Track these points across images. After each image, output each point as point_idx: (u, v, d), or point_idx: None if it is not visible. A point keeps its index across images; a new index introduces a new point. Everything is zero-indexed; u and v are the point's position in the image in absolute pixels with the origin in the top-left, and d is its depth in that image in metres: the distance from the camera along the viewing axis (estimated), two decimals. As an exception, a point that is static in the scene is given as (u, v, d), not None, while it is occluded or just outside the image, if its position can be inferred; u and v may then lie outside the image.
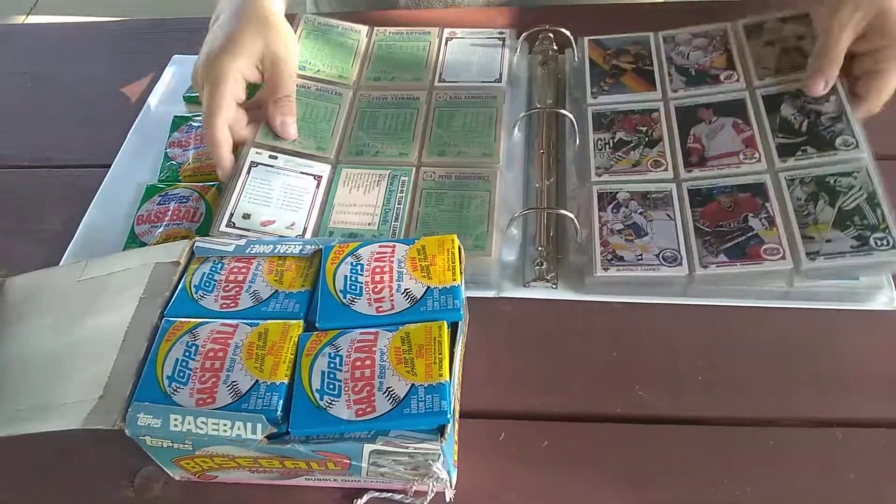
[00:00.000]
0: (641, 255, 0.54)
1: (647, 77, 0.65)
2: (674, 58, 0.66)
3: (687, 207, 0.55)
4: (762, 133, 0.58)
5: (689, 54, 0.66)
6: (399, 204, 0.58)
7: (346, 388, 0.42)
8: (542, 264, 0.56)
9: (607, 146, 0.61)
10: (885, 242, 0.50)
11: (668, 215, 0.55)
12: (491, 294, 0.56)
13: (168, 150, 0.67)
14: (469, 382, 0.51)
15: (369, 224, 0.57)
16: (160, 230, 0.60)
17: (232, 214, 0.57)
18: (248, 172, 0.59)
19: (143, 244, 0.60)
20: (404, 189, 0.59)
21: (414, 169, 0.61)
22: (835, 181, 0.54)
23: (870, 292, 0.52)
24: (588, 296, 0.55)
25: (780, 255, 0.52)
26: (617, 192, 0.57)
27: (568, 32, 0.69)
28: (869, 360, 0.51)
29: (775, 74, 0.61)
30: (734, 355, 0.52)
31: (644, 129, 0.61)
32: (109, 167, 0.68)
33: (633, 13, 0.78)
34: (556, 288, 0.56)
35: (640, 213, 0.56)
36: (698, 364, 0.51)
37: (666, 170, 0.58)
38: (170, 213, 0.61)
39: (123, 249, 0.60)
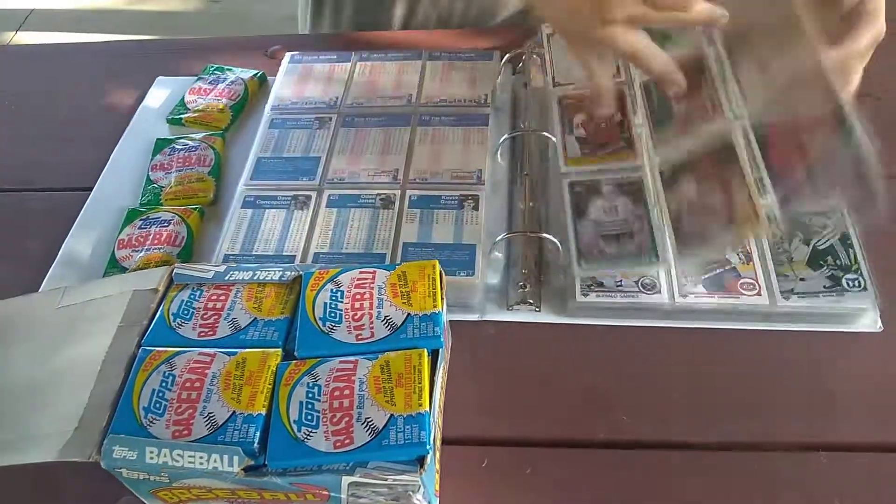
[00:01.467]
0: (621, 281, 0.53)
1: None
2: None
3: (661, 195, 0.54)
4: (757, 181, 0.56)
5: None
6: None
7: (325, 419, 0.41)
8: (525, 287, 0.56)
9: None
10: (856, 284, 0.51)
11: None
12: (475, 317, 0.56)
13: (150, 172, 0.67)
14: (451, 408, 0.51)
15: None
16: (141, 255, 0.60)
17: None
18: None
19: (124, 269, 0.59)
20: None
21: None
22: (809, 220, 0.55)
23: (854, 314, 0.52)
24: (571, 319, 0.55)
25: (756, 292, 0.52)
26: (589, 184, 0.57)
27: (549, 57, 0.69)
28: (854, 383, 0.51)
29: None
30: (718, 378, 0.52)
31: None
32: (91, 190, 0.68)
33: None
34: (539, 311, 0.55)
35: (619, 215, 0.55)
36: (681, 388, 0.51)
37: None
38: (151, 237, 0.61)
39: (104, 275, 0.60)
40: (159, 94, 0.77)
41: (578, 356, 0.53)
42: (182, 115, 0.72)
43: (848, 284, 0.51)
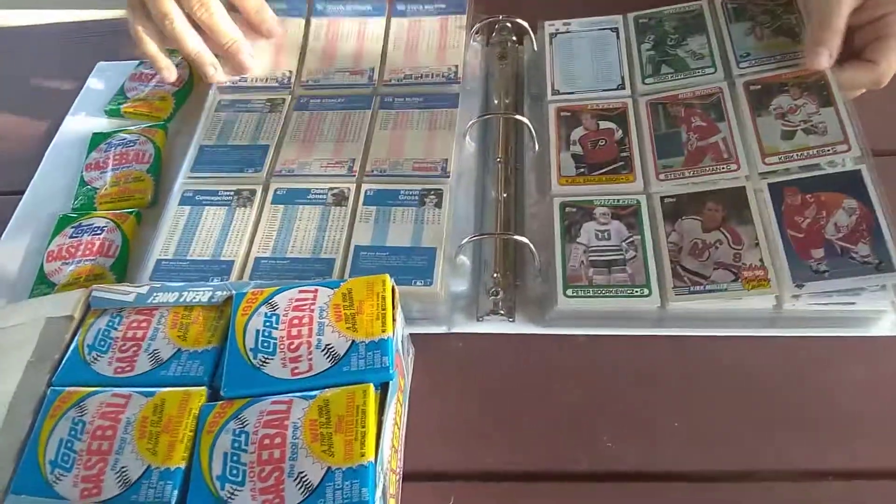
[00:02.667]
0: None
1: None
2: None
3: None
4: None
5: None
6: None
7: (252, 475, 0.35)
8: (497, 293, 0.50)
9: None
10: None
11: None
12: (441, 329, 0.50)
13: (84, 173, 0.61)
14: (414, 437, 0.45)
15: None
16: (71, 268, 0.54)
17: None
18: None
19: (53, 285, 0.53)
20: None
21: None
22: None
23: (870, 317, 0.46)
24: (549, 329, 0.49)
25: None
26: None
27: (524, 22, 0.61)
28: (870, 397, 0.44)
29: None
30: (714, 395, 0.45)
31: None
32: (23, 194, 0.61)
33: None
34: (513, 321, 0.49)
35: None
36: (673, 407, 0.45)
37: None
38: (82, 247, 0.55)
39: (31, 293, 0.54)
40: (100, 82, 0.69)
41: (557, 372, 0.47)
42: (121, 105, 0.65)
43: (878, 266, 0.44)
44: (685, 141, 0.52)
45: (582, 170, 0.53)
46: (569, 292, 0.47)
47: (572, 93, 0.58)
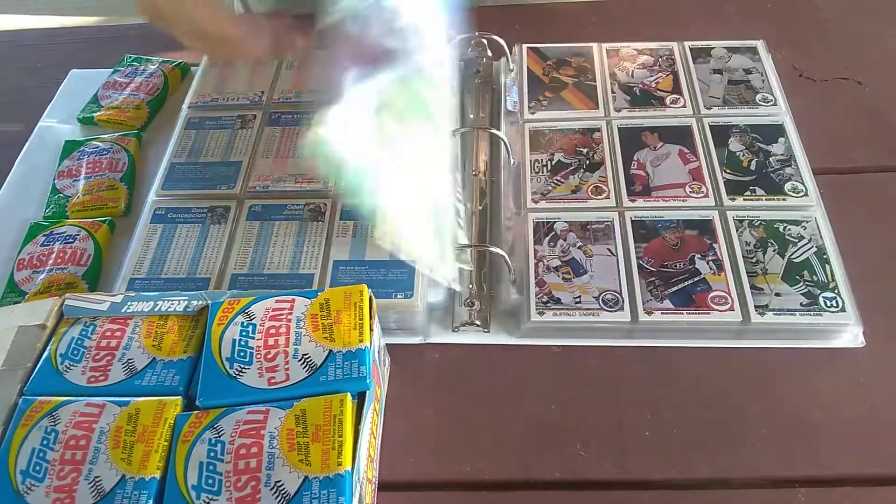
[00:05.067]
0: (580, 296, 0.48)
1: (588, 93, 0.59)
2: (617, 74, 0.60)
3: (630, 241, 0.50)
4: (710, 166, 0.54)
5: (633, 72, 0.60)
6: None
7: (228, 485, 0.35)
8: (472, 304, 0.50)
9: (545, 168, 0.55)
10: (834, 303, 0.46)
11: (609, 250, 0.50)
12: (417, 340, 0.50)
13: (57, 180, 0.60)
14: (390, 446, 0.45)
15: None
16: (42, 277, 0.53)
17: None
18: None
19: (24, 294, 0.53)
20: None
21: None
22: (784, 228, 0.50)
23: (834, 329, 0.47)
24: (524, 339, 0.49)
25: (728, 306, 0.47)
26: (554, 223, 0.51)
27: (502, 41, 0.62)
28: (835, 405, 0.46)
29: (723, 105, 0.57)
30: (684, 404, 0.46)
31: (585, 150, 0.55)
32: (-8, 201, 0.60)
33: (573, 14, 0.72)
34: (488, 332, 0.50)
35: (580, 248, 0.50)
36: (645, 416, 0.46)
37: (608, 197, 0.52)
38: (54, 255, 0.54)
39: (0, 302, 0.53)
40: (73, 90, 0.69)
41: (531, 382, 0.48)
42: (94, 113, 0.64)
43: (826, 304, 0.47)
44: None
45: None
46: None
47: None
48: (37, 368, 0.41)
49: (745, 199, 0.52)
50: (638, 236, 0.50)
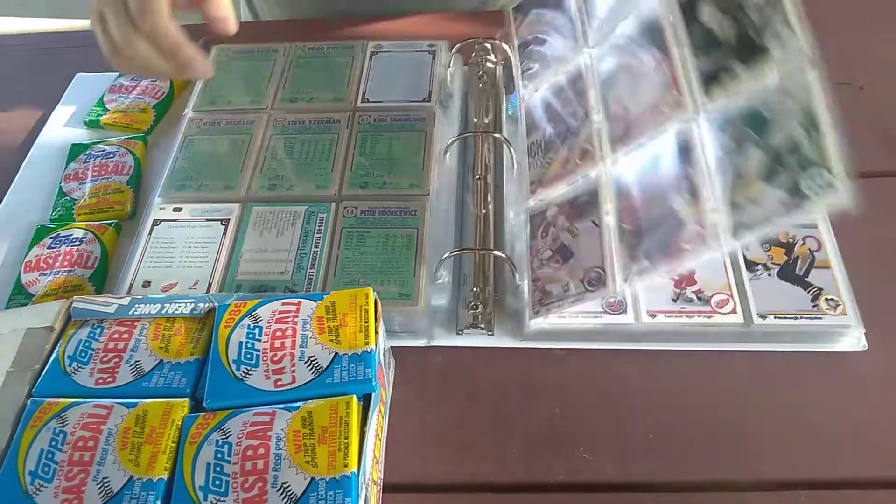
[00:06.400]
0: (568, 283, 0.47)
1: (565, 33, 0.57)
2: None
3: (612, 203, 0.48)
4: (682, 60, 0.46)
5: None
6: (316, 247, 0.52)
7: (235, 486, 0.35)
8: (476, 307, 0.51)
9: (539, 150, 0.54)
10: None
11: (593, 222, 0.48)
12: (421, 343, 0.50)
13: (63, 184, 0.60)
14: (394, 449, 0.45)
15: (282, 273, 0.51)
16: (49, 279, 0.53)
17: (131, 285, 0.51)
18: (151, 232, 0.54)
19: (31, 296, 0.53)
20: (322, 228, 0.53)
21: (333, 204, 0.54)
22: (763, 105, 0.41)
23: (836, 332, 0.47)
24: (527, 342, 0.50)
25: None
26: (546, 210, 0.51)
27: (506, 46, 0.63)
28: (836, 409, 0.46)
29: None
30: (687, 408, 0.47)
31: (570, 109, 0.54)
32: (0, 204, 0.61)
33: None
34: (492, 335, 0.50)
35: (567, 230, 0.49)
36: (648, 419, 0.46)
37: (593, 159, 0.50)
38: (60, 258, 0.54)
39: (7, 303, 0.53)
40: (79, 93, 0.69)
41: (535, 385, 0.48)
42: (100, 117, 0.65)
43: (808, 186, 0.38)
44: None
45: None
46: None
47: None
48: (45, 370, 0.42)
49: (722, 88, 0.43)
50: (620, 197, 0.48)
